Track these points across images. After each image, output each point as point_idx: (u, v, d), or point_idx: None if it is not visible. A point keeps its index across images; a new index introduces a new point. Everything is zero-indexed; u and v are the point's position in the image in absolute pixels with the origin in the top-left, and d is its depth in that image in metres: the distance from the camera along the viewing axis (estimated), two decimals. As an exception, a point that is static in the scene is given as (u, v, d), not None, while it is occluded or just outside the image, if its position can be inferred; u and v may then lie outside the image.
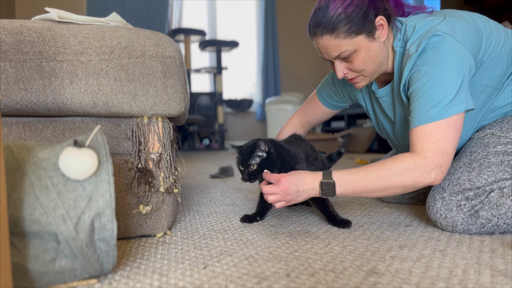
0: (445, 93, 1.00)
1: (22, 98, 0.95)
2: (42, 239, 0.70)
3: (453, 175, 1.10)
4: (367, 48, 1.09)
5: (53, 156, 0.74)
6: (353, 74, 1.16)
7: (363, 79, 1.17)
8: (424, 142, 1.00)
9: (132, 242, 1.05)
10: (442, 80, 1.01)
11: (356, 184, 1.03)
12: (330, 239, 1.04)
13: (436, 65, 1.02)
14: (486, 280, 0.74)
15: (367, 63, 1.11)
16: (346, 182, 1.03)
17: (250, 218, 1.25)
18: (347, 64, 1.13)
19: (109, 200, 0.73)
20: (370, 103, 1.38)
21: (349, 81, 1.19)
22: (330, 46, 1.10)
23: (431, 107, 1.01)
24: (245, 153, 1.19)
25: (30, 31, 0.97)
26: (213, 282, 0.76)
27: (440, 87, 1.01)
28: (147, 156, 1.06)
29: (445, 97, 1.00)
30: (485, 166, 1.08)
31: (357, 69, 1.13)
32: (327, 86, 1.52)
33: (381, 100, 1.28)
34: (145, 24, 5.25)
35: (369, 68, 1.13)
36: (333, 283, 0.74)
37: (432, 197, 1.11)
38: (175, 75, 1.05)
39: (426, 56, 1.04)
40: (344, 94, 1.49)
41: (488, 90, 1.14)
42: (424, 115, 1.01)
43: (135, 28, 1.08)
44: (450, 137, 1.00)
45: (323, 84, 1.55)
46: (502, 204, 1.02)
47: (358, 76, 1.16)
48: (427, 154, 0.99)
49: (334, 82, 1.49)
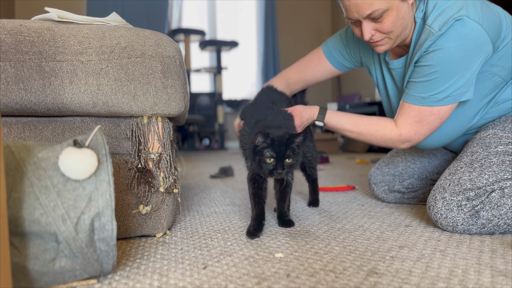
0: (448, 86, 1.08)
1: (22, 98, 0.95)
2: (42, 239, 0.70)
3: (454, 175, 1.11)
4: (398, 8, 1.07)
5: (53, 156, 0.74)
6: (380, 36, 1.13)
7: (387, 42, 1.15)
8: (405, 119, 1.18)
9: (132, 242, 1.05)
10: (452, 72, 1.05)
11: (342, 120, 1.26)
12: (330, 239, 1.04)
13: (453, 55, 1.04)
14: (486, 280, 0.74)
15: (396, 25, 1.09)
16: (335, 115, 1.27)
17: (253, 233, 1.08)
18: (376, 25, 1.10)
19: (109, 200, 0.73)
20: (380, 73, 1.37)
21: (373, 43, 1.16)
22: (363, 3, 1.06)
23: (427, 94, 1.11)
24: (281, 144, 1.04)
25: (29, 31, 0.97)
26: (213, 282, 0.76)
27: (447, 79, 1.07)
28: (147, 156, 1.06)
29: (445, 90, 1.08)
30: (486, 166, 1.08)
31: (386, 30, 1.10)
32: (338, 42, 1.45)
33: (394, 72, 1.28)
34: (145, 24, 5.24)
35: (396, 30, 1.11)
36: (333, 283, 0.74)
37: (433, 197, 1.11)
38: (175, 75, 1.05)
39: (447, 40, 1.04)
40: (355, 55, 1.43)
41: (496, 80, 1.14)
42: (416, 98, 1.14)
43: (135, 28, 1.07)
44: (429, 122, 1.15)
45: (333, 39, 1.47)
46: (503, 205, 1.02)
47: (384, 39, 1.14)
48: (403, 131, 1.18)
49: (348, 40, 1.43)
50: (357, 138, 1.27)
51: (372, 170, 1.58)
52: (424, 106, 1.13)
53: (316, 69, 1.48)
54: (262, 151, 1.04)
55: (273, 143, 1.03)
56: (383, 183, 1.52)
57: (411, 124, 1.16)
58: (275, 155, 1.03)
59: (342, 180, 2.21)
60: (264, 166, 1.05)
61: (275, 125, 1.10)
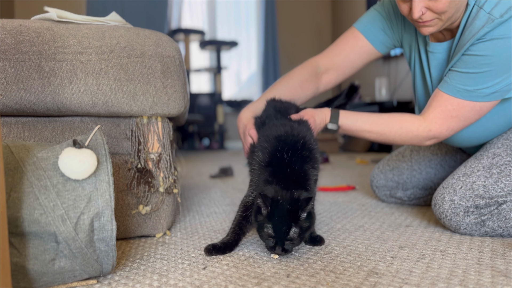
0: (499, 80, 0.98)
1: (22, 98, 0.95)
2: (41, 239, 0.69)
3: (468, 177, 1.04)
4: None
5: (53, 156, 0.73)
6: (430, 16, 1.00)
7: (436, 24, 1.02)
8: (439, 113, 1.04)
9: (132, 242, 1.05)
10: (508, 65, 0.96)
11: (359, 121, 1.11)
12: (330, 239, 1.04)
13: (511, 47, 0.94)
14: (487, 280, 0.74)
15: (451, 5, 0.97)
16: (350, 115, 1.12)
17: (217, 249, 0.93)
18: (429, 3, 0.97)
19: (108, 200, 0.73)
20: (417, 54, 1.23)
21: (420, 23, 1.03)
22: None
23: (474, 87, 1.00)
24: (283, 218, 0.84)
25: (29, 30, 0.97)
26: (213, 283, 0.76)
27: (500, 73, 0.97)
28: (146, 156, 1.06)
29: (495, 85, 0.98)
30: (505, 174, 1.01)
31: (440, 10, 0.97)
32: (377, 17, 1.26)
33: (432, 56, 1.15)
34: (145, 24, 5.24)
35: (450, 11, 0.98)
36: (333, 284, 0.74)
37: (441, 195, 1.07)
38: (174, 75, 1.05)
39: (508, 28, 0.94)
40: (398, 32, 1.27)
41: None
42: (460, 90, 1.01)
43: (135, 28, 1.07)
44: (466, 118, 1.03)
45: (369, 16, 1.28)
46: (511, 218, 0.99)
47: (433, 19, 1.01)
48: (433, 126, 1.05)
49: (389, 14, 1.25)
50: (378, 139, 1.13)
51: (375, 172, 1.53)
52: (466, 101, 1.01)
53: (353, 52, 1.27)
54: (262, 224, 0.86)
55: (274, 216, 0.84)
56: (385, 188, 1.48)
57: (445, 118, 1.04)
58: (275, 235, 0.84)
59: (342, 180, 2.21)
60: (263, 239, 0.88)
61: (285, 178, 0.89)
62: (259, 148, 0.98)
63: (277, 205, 0.84)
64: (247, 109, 1.21)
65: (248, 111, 1.19)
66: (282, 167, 0.91)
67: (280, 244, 0.84)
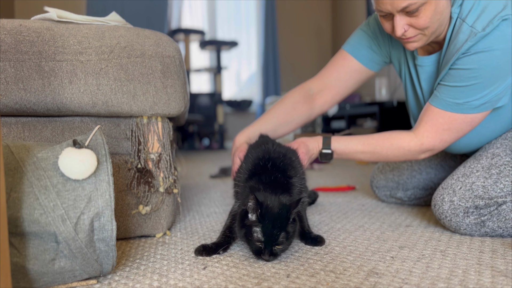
0: (487, 92, 0.99)
1: (22, 98, 0.95)
2: (41, 239, 0.69)
3: (468, 178, 1.04)
4: (436, 2, 0.97)
5: (53, 156, 0.73)
6: (413, 32, 1.02)
7: (420, 39, 1.04)
8: (431, 126, 1.06)
9: (132, 242, 1.05)
10: (495, 77, 0.96)
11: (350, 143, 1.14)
12: (330, 239, 1.04)
13: (498, 58, 0.95)
14: (487, 280, 0.74)
15: (433, 20, 0.98)
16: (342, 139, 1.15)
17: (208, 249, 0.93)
18: (411, 20, 0.99)
19: (108, 200, 0.73)
20: (407, 69, 1.25)
21: (404, 40, 1.05)
22: None
23: (463, 100, 1.00)
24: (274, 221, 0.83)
25: (29, 30, 0.97)
26: (213, 283, 0.76)
27: (488, 85, 0.98)
28: (146, 156, 1.06)
29: (484, 96, 0.99)
30: (505, 175, 1.01)
31: (422, 26, 0.99)
32: (363, 37, 1.30)
33: (420, 69, 1.17)
34: (145, 24, 5.24)
35: (432, 26, 1.00)
36: (333, 284, 0.74)
37: (441, 196, 1.07)
38: (174, 75, 1.05)
39: (492, 41, 0.94)
40: (386, 49, 1.30)
41: None
42: (450, 104, 1.03)
43: (135, 28, 1.07)
44: (458, 130, 1.04)
45: (356, 36, 1.31)
46: (511, 219, 0.99)
47: (417, 35, 1.02)
48: (425, 140, 1.07)
49: (375, 33, 1.28)
50: (372, 159, 1.16)
51: (376, 172, 1.53)
52: (457, 113, 1.02)
53: (344, 72, 1.30)
54: (250, 227, 0.85)
55: (264, 219, 0.83)
56: (386, 188, 1.49)
57: (436, 132, 1.06)
58: (264, 239, 0.83)
59: (342, 180, 2.21)
60: (250, 244, 0.86)
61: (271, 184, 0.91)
62: (244, 161, 1.06)
63: (267, 209, 0.84)
64: (242, 133, 1.27)
65: (242, 136, 1.26)
66: (266, 175, 0.94)
67: (269, 247, 0.83)
